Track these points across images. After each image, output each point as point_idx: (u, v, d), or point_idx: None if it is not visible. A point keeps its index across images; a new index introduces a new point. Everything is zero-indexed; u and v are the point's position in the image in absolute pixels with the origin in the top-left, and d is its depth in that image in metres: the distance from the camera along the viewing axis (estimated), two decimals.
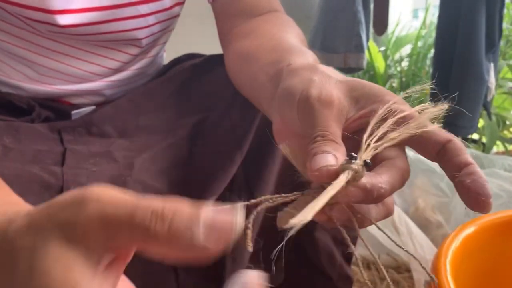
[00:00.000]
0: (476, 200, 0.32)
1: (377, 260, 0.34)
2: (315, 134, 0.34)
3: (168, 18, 0.66)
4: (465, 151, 0.33)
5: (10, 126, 0.57)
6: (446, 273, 0.60)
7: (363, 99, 0.36)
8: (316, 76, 0.37)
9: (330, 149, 0.33)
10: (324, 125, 0.34)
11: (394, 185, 0.33)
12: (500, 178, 1.11)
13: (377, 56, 1.79)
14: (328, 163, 0.31)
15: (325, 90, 0.36)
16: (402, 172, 0.34)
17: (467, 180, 0.32)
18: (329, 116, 0.35)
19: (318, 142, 0.33)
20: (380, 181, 0.32)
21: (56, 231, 0.24)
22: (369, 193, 0.31)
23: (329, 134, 0.34)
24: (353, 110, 0.36)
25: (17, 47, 0.62)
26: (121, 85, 0.69)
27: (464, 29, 1.26)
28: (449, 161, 0.33)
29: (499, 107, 1.56)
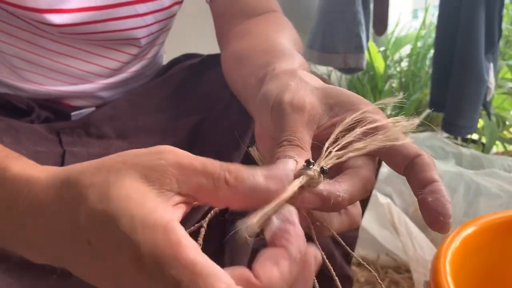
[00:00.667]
0: (435, 219, 0.31)
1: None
2: (282, 138, 0.34)
3: (166, 18, 0.66)
4: (432, 167, 0.32)
5: (10, 126, 0.57)
6: (446, 274, 0.60)
7: (338, 106, 0.36)
8: (292, 81, 0.37)
9: (293, 154, 0.32)
10: (292, 130, 0.34)
11: (354, 194, 0.33)
12: (500, 178, 1.11)
13: (377, 57, 1.79)
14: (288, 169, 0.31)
15: (298, 96, 0.36)
16: (365, 182, 0.33)
17: (429, 198, 0.31)
18: (299, 121, 0.34)
19: (284, 146, 0.33)
20: (338, 189, 0.32)
21: (131, 171, 0.27)
22: (325, 200, 0.31)
23: (295, 140, 0.34)
24: (326, 117, 0.36)
25: (15, 47, 0.62)
26: (119, 87, 0.69)
27: (464, 29, 1.26)
28: (414, 176, 0.32)
29: (499, 107, 1.56)
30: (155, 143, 0.62)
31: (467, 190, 1.06)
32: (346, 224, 0.35)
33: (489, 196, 1.04)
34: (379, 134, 0.33)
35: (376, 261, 1.10)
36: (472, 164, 1.27)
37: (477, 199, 1.05)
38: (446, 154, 1.30)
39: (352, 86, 1.81)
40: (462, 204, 1.05)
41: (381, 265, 1.11)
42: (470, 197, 1.05)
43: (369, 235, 1.07)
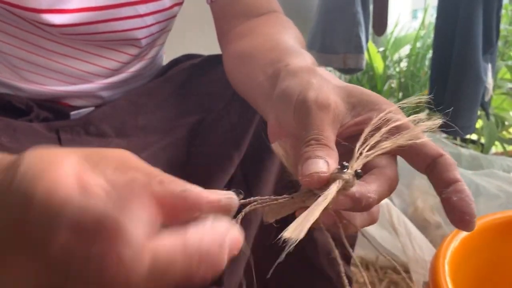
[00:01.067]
0: (461, 218, 0.31)
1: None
2: (309, 137, 0.34)
3: (167, 18, 0.66)
4: (455, 167, 0.33)
5: (8, 125, 0.57)
6: (445, 274, 0.60)
7: (360, 106, 0.36)
8: (314, 79, 0.37)
9: (323, 154, 0.33)
10: (319, 128, 0.34)
11: (382, 194, 0.33)
12: (499, 178, 1.11)
13: (376, 57, 1.79)
14: (320, 170, 0.32)
15: (323, 94, 0.36)
16: (391, 181, 0.34)
17: (453, 198, 0.32)
18: (324, 120, 0.35)
19: (312, 145, 0.33)
20: (369, 190, 0.32)
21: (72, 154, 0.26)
22: (358, 202, 0.32)
23: (323, 138, 0.34)
24: (349, 116, 0.36)
25: (15, 47, 0.62)
26: (119, 87, 0.69)
27: (461, 30, 1.26)
28: (438, 176, 0.33)
29: (498, 107, 1.56)
30: (154, 142, 0.62)
31: None
32: (368, 221, 0.36)
33: (488, 196, 1.05)
34: (403, 133, 0.34)
35: (375, 261, 1.11)
36: (471, 165, 1.27)
37: (476, 200, 1.04)
38: None
39: None
40: None
41: (380, 265, 1.11)
42: None
43: (368, 235, 1.07)
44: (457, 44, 1.28)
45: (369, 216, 0.36)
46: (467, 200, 0.32)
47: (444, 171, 0.33)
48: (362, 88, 0.37)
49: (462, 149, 1.32)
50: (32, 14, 0.56)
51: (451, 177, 0.33)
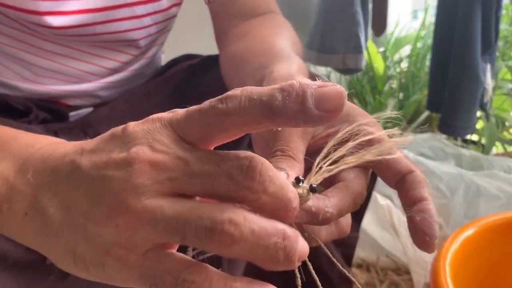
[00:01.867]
0: (421, 238, 0.31)
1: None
2: (275, 148, 0.34)
3: (165, 19, 0.66)
4: (423, 185, 0.33)
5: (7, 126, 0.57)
6: (446, 275, 0.59)
7: None
8: None
9: (285, 166, 0.32)
10: (286, 140, 0.34)
11: (342, 209, 0.33)
12: (500, 179, 1.10)
13: (376, 57, 1.78)
14: None
15: None
16: (355, 196, 0.33)
17: (416, 217, 0.31)
18: (293, 131, 0.34)
19: (277, 156, 0.33)
20: (327, 205, 0.32)
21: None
22: (314, 216, 0.31)
23: (288, 150, 0.33)
24: (322, 128, 0.36)
25: (13, 47, 0.61)
26: (117, 87, 0.69)
27: (460, 30, 1.26)
28: (405, 192, 0.33)
29: (499, 108, 1.55)
30: None
31: (467, 191, 1.06)
32: (335, 233, 0.36)
33: (489, 197, 1.04)
34: (372, 148, 0.33)
35: (375, 263, 1.10)
36: (472, 165, 1.27)
37: (477, 200, 1.04)
38: (446, 155, 1.30)
39: (352, 87, 1.81)
40: (462, 205, 1.05)
41: (381, 266, 1.11)
42: (470, 198, 1.05)
43: (369, 236, 1.06)
44: (456, 45, 1.27)
45: (337, 228, 0.35)
46: (430, 221, 0.31)
47: (411, 188, 0.33)
48: None
49: (462, 150, 1.31)
50: (32, 16, 0.56)
51: (417, 195, 0.32)
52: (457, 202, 1.05)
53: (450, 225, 1.03)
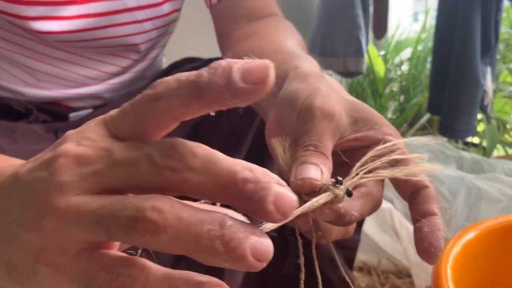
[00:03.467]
0: (426, 249, 0.32)
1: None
2: (308, 142, 0.34)
3: (165, 24, 0.66)
4: (435, 201, 0.34)
5: (7, 127, 0.57)
6: (447, 278, 0.59)
7: (362, 122, 0.36)
8: (323, 86, 0.38)
9: (319, 162, 0.33)
10: (320, 136, 0.34)
11: (364, 213, 0.34)
12: (501, 182, 1.10)
13: (377, 60, 1.79)
14: (313, 177, 0.32)
15: (329, 102, 0.36)
16: (375, 202, 0.35)
17: (425, 228, 0.32)
18: (326, 128, 0.35)
19: (310, 151, 0.34)
20: (354, 208, 0.33)
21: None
22: (341, 217, 0.32)
23: (321, 146, 0.34)
24: (349, 130, 0.36)
25: (14, 53, 0.61)
26: (120, 88, 0.69)
27: (460, 33, 1.26)
28: (417, 205, 0.34)
29: (500, 111, 1.55)
30: None
31: (468, 194, 1.06)
32: (341, 234, 0.37)
33: (490, 200, 1.04)
34: (404, 168, 0.34)
35: (377, 266, 1.10)
36: (473, 168, 1.27)
37: (478, 203, 1.04)
38: (447, 158, 1.30)
39: (353, 90, 1.81)
40: (463, 208, 1.04)
41: (382, 270, 1.10)
42: (471, 201, 1.05)
43: (370, 240, 1.06)
44: (455, 48, 1.28)
45: (344, 230, 0.37)
46: (437, 234, 0.32)
47: (424, 202, 0.34)
48: (367, 106, 0.38)
49: (463, 153, 1.31)
50: (29, 22, 0.56)
51: (429, 209, 0.33)
52: (459, 205, 1.05)
53: (451, 228, 1.03)
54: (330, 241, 0.35)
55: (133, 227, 0.22)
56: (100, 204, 0.23)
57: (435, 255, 0.32)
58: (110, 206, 0.23)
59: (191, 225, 0.21)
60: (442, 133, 1.36)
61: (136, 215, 0.22)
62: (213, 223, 0.21)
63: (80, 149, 0.24)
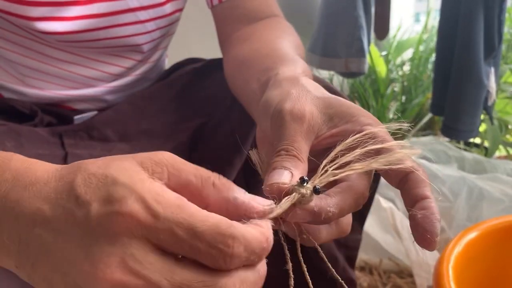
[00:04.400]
0: (422, 236, 0.31)
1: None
2: (280, 147, 0.34)
3: (168, 24, 0.66)
4: (425, 184, 0.33)
5: (12, 130, 0.57)
6: (449, 279, 0.59)
7: (337, 117, 0.36)
8: (294, 90, 0.37)
9: (290, 165, 0.33)
10: (291, 139, 0.34)
11: (344, 209, 0.33)
12: (503, 182, 1.10)
13: (379, 61, 1.79)
14: (281, 181, 0.32)
15: (299, 105, 0.36)
16: (357, 196, 0.34)
17: (418, 215, 0.31)
18: (298, 131, 0.35)
19: (281, 156, 0.34)
20: (329, 204, 0.32)
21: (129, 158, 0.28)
22: (316, 216, 0.32)
23: (293, 149, 0.34)
24: (325, 128, 0.36)
25: (16, 54, 0.62)
26: (122, 91, 0.69)
27: (462, 33, 1.26)
28: (407, 191, 0.33)
29: (502, 111, 1.55)
30: (157, 147, 0.62)
31: (470, 194, 1.06)
32: (335, 233, 0.36)
33: (492, 200, 1.04)
34: (380, 157, 0.33)
35: (378, 265, 1.10)
36: (474, 169, 1.27)
37: (480, 204, 1.04)
38: (448, 158, 1.30)
39: (354, 90, 1.81)
40: (465, 208, 1.05)
41: (384, 269, 1.10)
42: (472, 201, 1.05)
43: (371, 239, 1.06)
44: (458, 48, 1.28)
45: (337, 228, 0.36)
46: (431, 218, 0.31)
47: (414, 187, 0.33)
48: (342, 99, 0.37)
49: (465, 153, 1.31)
50: (26, 22, 0.56)
51: (419, 193, 0.32)
52: (460, 205, 1.05)
53: (453, 228, 1.03)
54: (320, 242, 0.34)
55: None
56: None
57: (433, 241, 0.31)
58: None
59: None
60: (445, 134, 1.36)
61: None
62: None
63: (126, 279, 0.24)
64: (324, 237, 0.35)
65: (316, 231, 0.34)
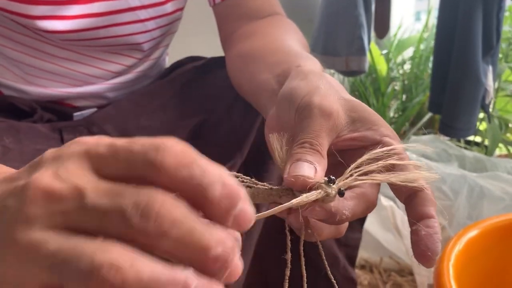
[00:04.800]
0: (423, 252, 0.32)
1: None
2: (304, 139, 0.34)
3: (168, 23, 0.66)
4: (433, 204, 0.33)
5: (11, 126, 0.57)
6: (449, 277, 0.59)
7: (359, 122, 0.36)
8: (323, 85, 0.38)
9: (313, 160, 0.33)
10: (316, 133, 0.34)
11: (356, 214, 0.34)
12: (503, 181, 1.10)
13: (379, 59, 1.79)
14: (306, 174, 0.32)
15: (328, 101, 0.36)
16: (369, 204, 0.35)
17: (422, 231, 0.32)
18: (323, 126, 0.35)
19: (305, 148, 0.34)
20: (346, 207, 0.33)
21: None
22: (332, 216, 0.32)
23: (317, 144, 0.34)
24: (347, 130, 0.36)
25: (17, 51, 0.62)
26: (123, 88, 0.69)
27: (461, 32, 1.26)
28: (414, 208, 0.33)
29: (502, 109, 1.55)
30: None
31: (470, 192, 1.06)
32: (333, 233, 0.36)
33: (492, 199, 1.04)
34: (401, 173, 0.34)
35: (379, 264, 1.10)
36: (475, 167, 1.27)
37: (480, 202, 1.04)
38: (449, 156, 1.30)
39: (355, 89, 1.81)
40: (465, 206, 1.05)
41: (384, 268, 1.11)
42: (473, 199, 1.05)
43: (372, 237, 1.06)
44: (456, 46, 1.28)
45: (336, 229, 0.36)
46: (435, 238, 0.32)
47: (421, 204, 0.33)
48: (365, 105, 0.38)
49: (466, 151, 1.31)
50: (34, 21, 0.56)
51: (426, 212, 0.33)
52: (461, 204, 1.05)
53: (453, 226, 1.03)
54: (320, 239, 0.35)
55: (87, 284, 0.20)
56: (58, 247, 0.21)
57: (432, 259, 0.32)
58: (67, 252, 0.21)
59: (151, 286, 0.20)
60: (443, 132, 1.36)
61: (91, 270, 0.20)
62: (176, 284, 0.20)
63: (53, 183, 0.22)
64: (325, 236, 0.36)
65: (319, 228, 0.35)
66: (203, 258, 0.21)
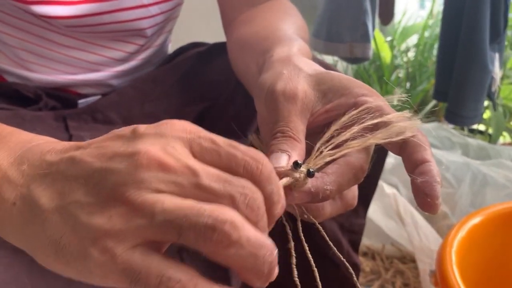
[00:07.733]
0: (423, 200, 0.31)
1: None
2: (275, 130, 0.34)
3: (171, 8, 0.66)
4: (425, 147, 0.32)
5: (16, 114, 0.57)
6: (452, 263, 0.60)
7: (331, 92, 0.35)
8: (286, 70, 0.37)
9: (286, 148, 0.33)
10: (285, 120, 0.34)
11: (343, 184, 0.33)
12: (507, 168, 1.10)
13: (383, 46, 1.77)
14: (278, 164, 0.32)
15: (290, 84, 0.35)
16: (355, 171, 0.33)
17: (418, 180, 0.31)
18: (292, 110, 0.34)
19: (277, 138, 0.33)
20: (326, 182, 0.32)
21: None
22: (314, 196, 0.32)
23: (288, 130, 0.33)
24: (320, 104, 0.35)
25: (20, 39, 0.61)
26: (127, 75, 0.69)
27: (468, 18, 1.25)
28: (408, 157, 0.33)
29: (506, 98, 1.55)
30: None
31: (474, 180, 1.06)
32: (340, 208, 0.36)
33: (495, 186, 1.04)
34: (378, 132, 0.32)
35: (381, 251, 1.11)
36: (478, 155, 1.27)
37: (483, 189, 1.04)
38: (452, 144, 1.29)
39: (359, 76, 1.80)
40: (469, 194, 1.05)
41: (387, 255, 1.11)
42: (476, 187, 1.05)
43: (374, 225, 1.07)
44: (463, 33, 1.26)
45: (342, 202, 0.36)
46: (430, 182, 0.31)
47: (413, 152, 0.32)
48: (334, 73, 0.37)
49: (469, 139, 1.31)
50: (23, 5, 0.56)
51: (419, 157, 0.32)
52: (464, 191, 1.05)
53: (456, 214, 1.04)
54: (326, 218, 0.35)
55: (209, 236, 0.23)
56: (176, 205, 0.24)
57: (434, 204, 0.31)
58: (186, 209, 0.24)
59: (255, 247, 0.24)
60: (449, 120, 1.35)
61: (215, 224, 0.23)
62: (268, 248, 0.25)
63: (166, 157, 0.25)
64: (329, 212, 0.35)
65: (320, 208, 0.34)
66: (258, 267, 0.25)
